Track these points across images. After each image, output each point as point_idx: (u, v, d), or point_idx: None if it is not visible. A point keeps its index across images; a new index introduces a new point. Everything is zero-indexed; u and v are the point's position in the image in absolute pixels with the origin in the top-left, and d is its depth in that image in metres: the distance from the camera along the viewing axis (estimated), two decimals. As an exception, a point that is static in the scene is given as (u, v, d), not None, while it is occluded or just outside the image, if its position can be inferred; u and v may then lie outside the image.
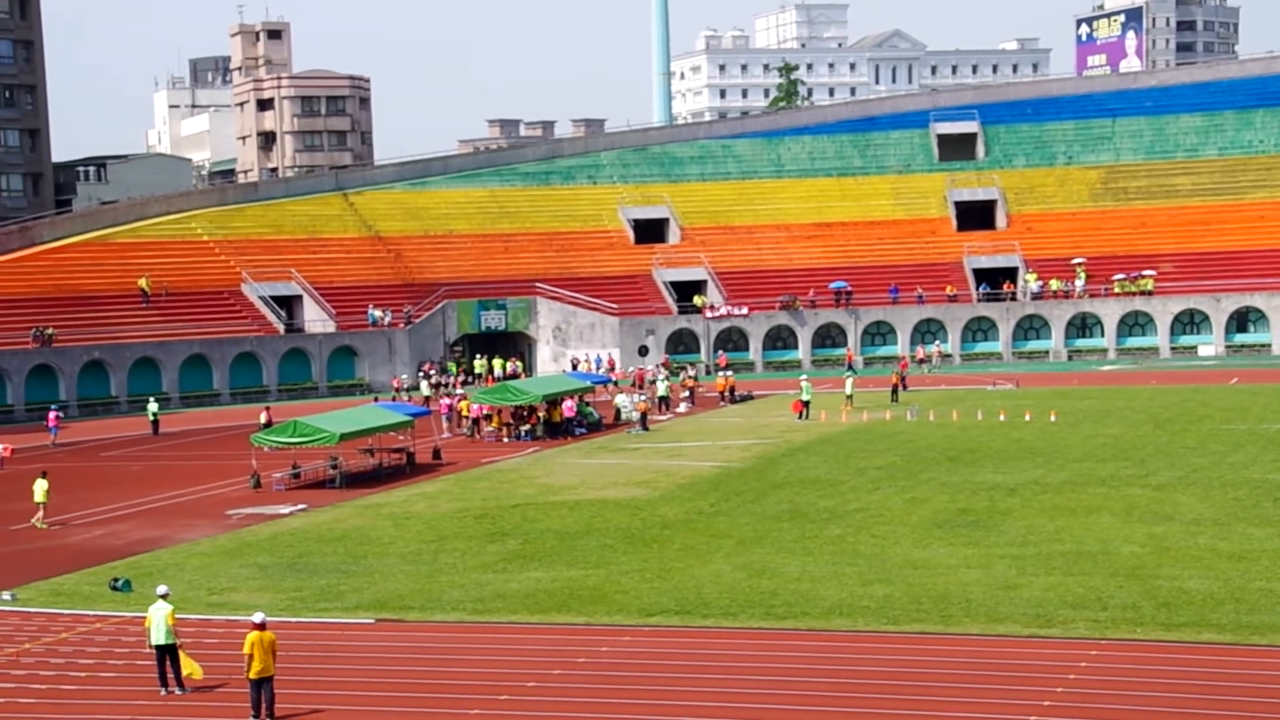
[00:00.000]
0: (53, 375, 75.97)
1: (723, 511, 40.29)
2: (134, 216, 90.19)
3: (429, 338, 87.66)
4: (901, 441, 53.66)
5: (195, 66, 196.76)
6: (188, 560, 36.22)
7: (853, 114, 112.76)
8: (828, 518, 38.63)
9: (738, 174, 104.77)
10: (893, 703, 22.84)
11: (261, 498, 46.47)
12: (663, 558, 34.19)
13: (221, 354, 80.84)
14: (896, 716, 22.31)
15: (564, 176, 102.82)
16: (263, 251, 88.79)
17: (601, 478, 47.64)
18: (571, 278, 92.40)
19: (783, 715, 22.49)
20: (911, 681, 23.86)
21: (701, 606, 29.26)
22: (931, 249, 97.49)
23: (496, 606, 30.00)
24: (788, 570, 32.23)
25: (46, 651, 27.82)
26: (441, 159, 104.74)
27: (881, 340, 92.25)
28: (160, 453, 60.46)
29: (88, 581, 34.03)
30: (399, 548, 36.82)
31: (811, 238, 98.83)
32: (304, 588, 32.35)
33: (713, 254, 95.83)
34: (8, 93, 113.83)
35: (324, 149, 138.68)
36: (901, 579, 30.89)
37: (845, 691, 23.44)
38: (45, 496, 42.87)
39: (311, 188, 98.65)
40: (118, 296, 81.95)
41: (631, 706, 23.18)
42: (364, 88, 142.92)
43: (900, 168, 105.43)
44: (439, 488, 47.18)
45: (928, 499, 40.97)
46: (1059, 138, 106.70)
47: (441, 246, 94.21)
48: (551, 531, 38.20)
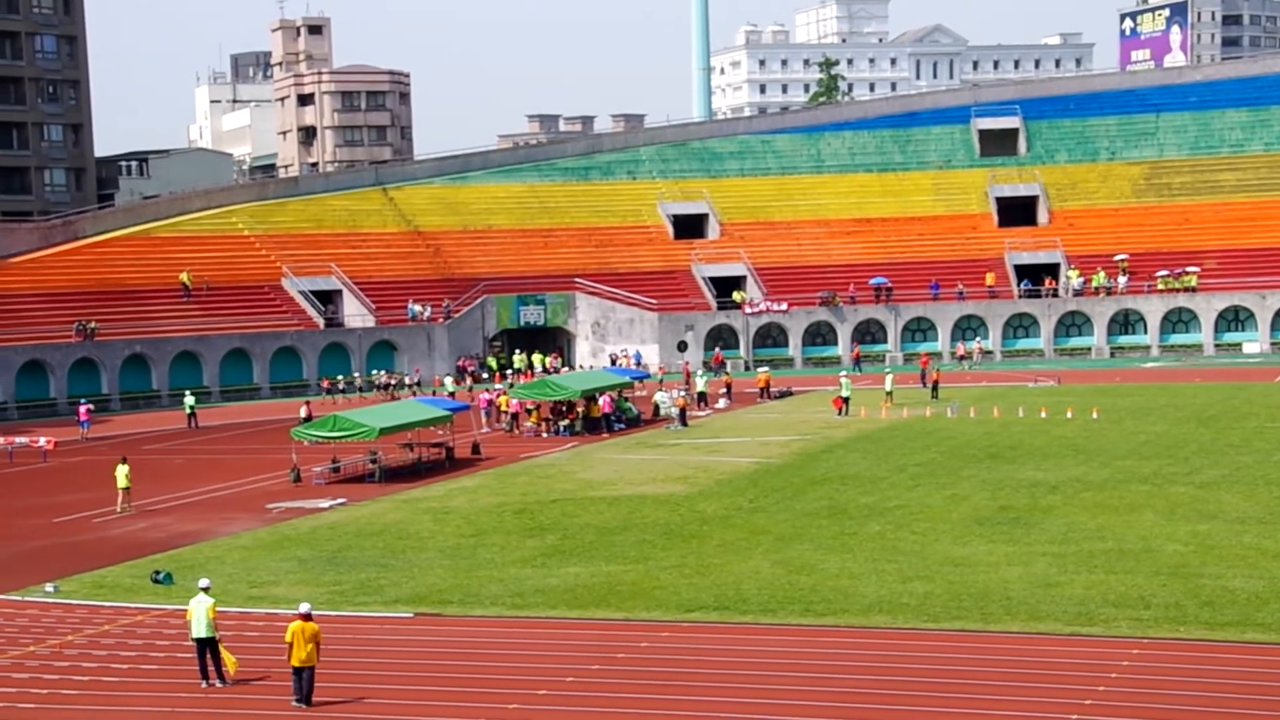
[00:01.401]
0: (95, 369, 76.51)
1: (761, 508, 40.18)
2: (175, 211, 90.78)
3: (468, 333, 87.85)
4: (942, 438, 53.39)
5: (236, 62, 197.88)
6: (228, 553, 36.39)
7: (893, 109, 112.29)
8: (867, 514, 38.47)
9: (777, 169, 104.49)
10: (933, 700, 22.69)
11: (301, 492, 46.65)
12: (701, 554, 34.12)
13: (262, 348, 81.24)
14: (937, 714, 22.16)
15: (603, 172, 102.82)
16: (303, 246, 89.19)
17: (640, 473, 47.59)
18: (610, 273, 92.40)
19: (822, 712, 22.38)
20: (952, 679, 23.71)
21: (740, 603, 29.18)
22: (972, 245, 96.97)
23: (535, 601, 29.99)
24: (827, 567, 32.10)
25: (89, 643, 27.99)
26: (481, 154, 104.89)
27: (922, 336, 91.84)
28: (201, 446, 60.79)
29: (130, 574, 34.25)
30: (438, 542, 36.88)
31: (851, 233, 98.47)
32: (343, 581, 32.44)
33: (752, 249, 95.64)
34: (51, 88, 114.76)
35: (364, 144, 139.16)
36: (941, 576, 30.71)
37: (884, 689, 23.30)
38: (127, 481, 43.82)
39: (351, 182, 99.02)
40: (159, 290, 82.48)
41: (670, 702, 23.12)
42: (404, 83, 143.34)
43: (941, 163, 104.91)
44: (478, 482, 47.24)
45: (968, 496, 40.74)
46: (1102, 133, 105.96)
47: (481, 241, 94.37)
48: (590, 527, 38.19)
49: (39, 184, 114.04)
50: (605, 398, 60.77)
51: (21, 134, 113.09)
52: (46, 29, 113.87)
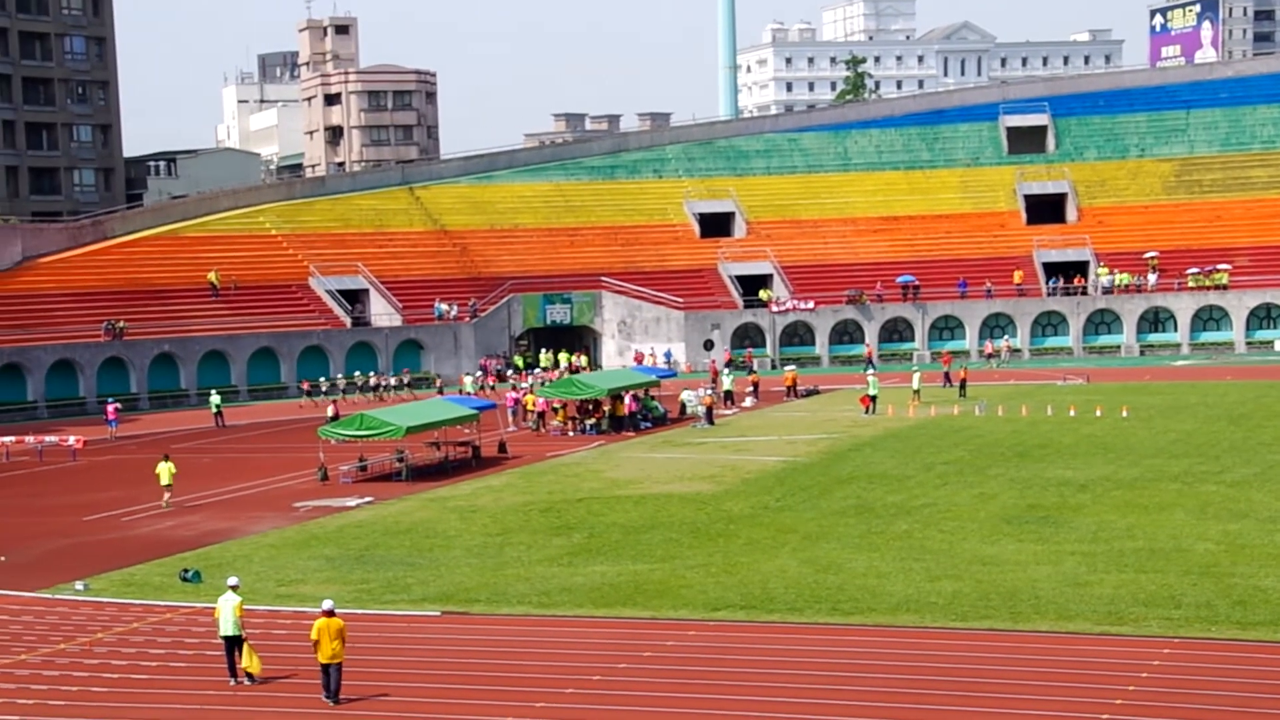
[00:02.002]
0: (124, 368, 76.81)
1: (788, 506, 40.09)
2: (203, 211, 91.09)
3: (494, 331, 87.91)
4: (969, 437, 53.19)
5: (264, 62, 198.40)
6: (256, 552, 36.48)
7: (921, 107, 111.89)
8: (895, 513, 38.35)
9: (804, 167, 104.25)
10: (961, 700, 22.59)
11: (329, 490, 46.74)
12: (728, 552, 34.06)
13: (289, 347, 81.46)
14: (965, 714, 22.05)
15: (629, 170, 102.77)
16: (330, 245, 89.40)
17: (666, 472, 47.54)
18: (637, 272, 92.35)
19: (850, 711, 22.29)
20: (980, 679, 23.60)
21: (767, 601, 29.10)
22: (1000, 243, 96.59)
23: (562, 600, 29.97)
24: (854, 565, 32.00)
25: (118, 641, 28.09)
26: (507, 153, 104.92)
27: (949, 335, 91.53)
28: (228, 445, 60.97)
29: (158, 572, 34.37)
30: (465, 541, 36.89)
31: (878, 231, 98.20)
32: (371, 580, 32.48)
33: (778, 248, 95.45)
34: (81, 89, 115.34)
35: (390, 143, 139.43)
36: (970, 575, 30.58)
37: (912, 688, 23.19)
38: (170, 478, 44.24)
39: (378, 182, 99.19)
40: (187, 290, 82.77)
41: (697, 701, 23.07)
42: (430, 82, 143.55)
43: (969, 161, 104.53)
44: (504, 481, 47.26)
45: (996, 494, 40.57)
46: (1131, 130, 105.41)
47: (507, 240, 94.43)
48: (617, 525, 38.16)
49: (68, 184, 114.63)
50: (629, 396, 60.70)
51: (51, 135, 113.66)
52: (76, 30, 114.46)
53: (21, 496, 48.73)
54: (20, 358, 73.93)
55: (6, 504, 47.02)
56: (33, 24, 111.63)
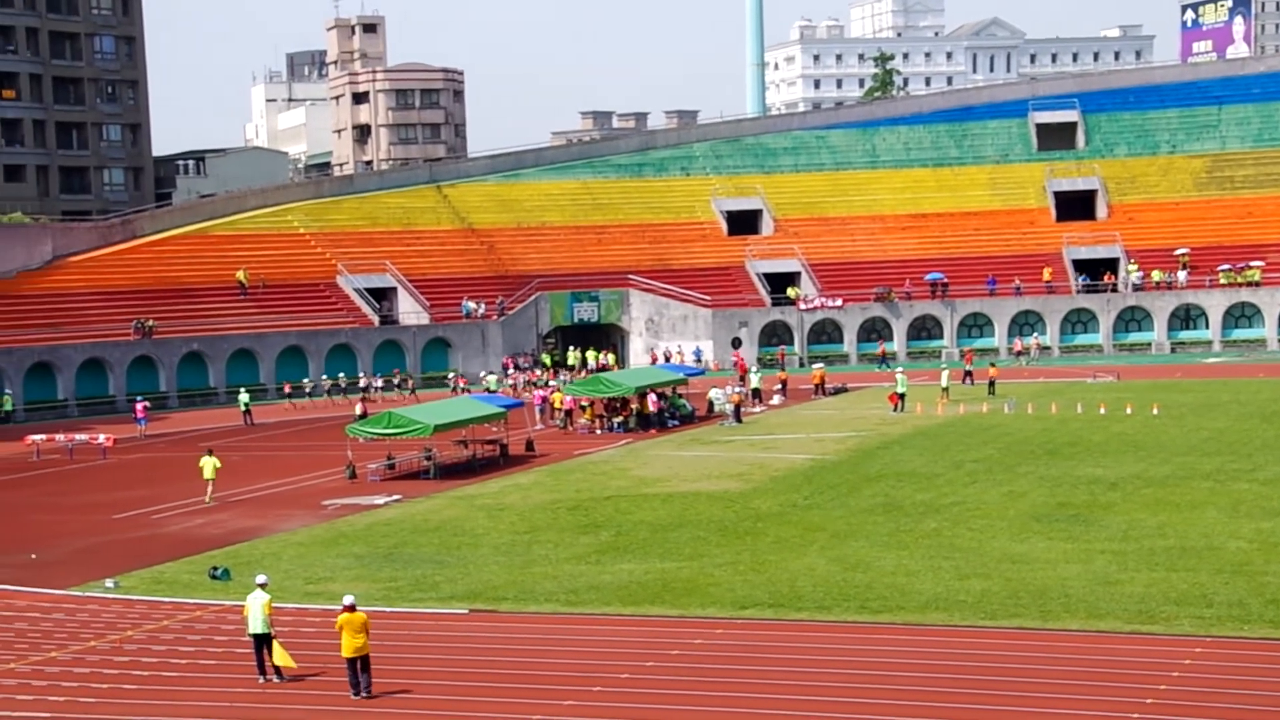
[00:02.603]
0: (153, 366, 77.13)
1: (817, 504, 39.97)
2: (232, 209, 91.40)
3: (522, 330, 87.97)
4: (999, 434, 52.97)
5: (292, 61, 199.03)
6: (285, 550, 36.55)
7: (949, 103, 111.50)
8: (923, 511, 38.19)
9: (832, 165, 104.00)
10: (990, 699, 22.46)
11: (357, 488, 46.83)
12: (756, 550, 33.97)
13: (317, 345, 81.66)
14: (994, 713, 21.92)
15: (657, 168, 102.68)
16: (358, 244, 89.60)
17: (694, 470, 47.47)
18: (664, 269, 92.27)
19: (879, 710, 22.18)
20: (1009, 677, 23.47)
21: (795, 599, 29.01)
22: (1030, 240, 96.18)
23: (589, 598, 29.94)
24: (883, 564, 31.88)
25: (148, 639, 28.17)
26: (534, 151, 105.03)
27: (979, 332, 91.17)
28: (257, 443, 61.12)
29: (187, 570, 34.46)
30: (492, 539, 36.89)
31: (907, 229, 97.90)
32: (399, 578, 32.50)
33: (806, 245, 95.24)
34: (110, 88, 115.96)
35: (418, 142, 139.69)
36: (999, 573, 30.42)
37: (941, 687, 23.07)
38: (214, 473, 44.70)
39: (405, 180, 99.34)
40: (216, 288, 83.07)
41: (724, 699, 22.99)
42: (457, 80, 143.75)
43: (998, 158, 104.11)
44: (532, 479, 47.26)
45: (1026, 492, 40.37)
46: (1162, 126, 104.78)
47: (534, 238, 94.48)
48: (644, 523, 38.10)
49: (98, 183, 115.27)
50: (652, 396, 60.46)
51: (81, 134, 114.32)
52: (105, 30, 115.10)
53: (52, 494, 48.97)
54: (51, 356, 74.32)
55: (37, 502, 47.27)
56: (63, 24, 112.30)
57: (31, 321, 75.88)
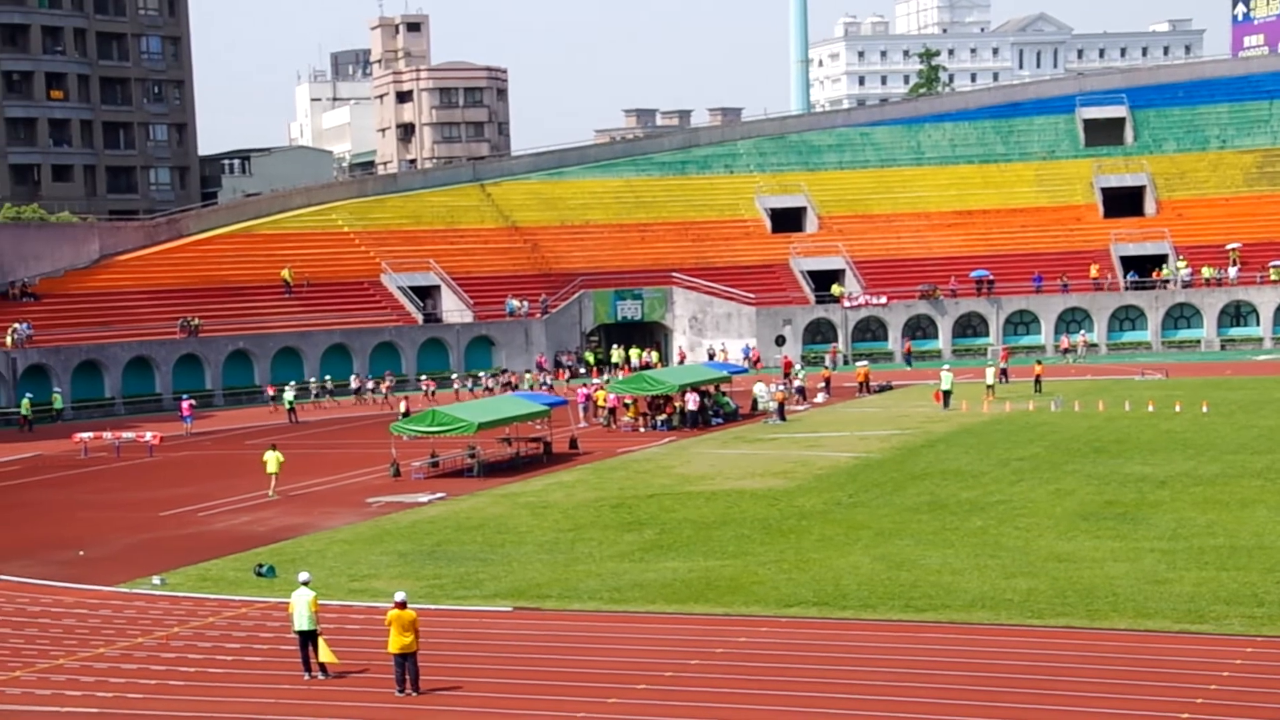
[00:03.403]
0: (199, 364, 77.58)
1: (861, 502, 39.79)
2: (277, 208, 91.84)
3: (565, 327, 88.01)
4: (1045, 432, 52.59)
5: (336, 60, 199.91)
6: (329, 547, 36.66)
7: (995, 100, 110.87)
8: (969, 509, 37.95)
9: (876, 162, 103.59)
10: (1037, 698, 22.25)
11: (401, 486, 46.94)
12: (800, 548, 33.83)
13: (361, 343, 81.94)
14: (1041, 713, 21.71)
15: (700, 166, 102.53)
16: (402, 242, 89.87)
17: (738, 468, 47.35)
18: (708, 267, 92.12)
19: (923, 709, 22.03)
20: (1056, 677, 23.25)
21: (840, 598, 28.87)
22: (1077, 236, 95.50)
23: (633, 596, 29.88)
24: (928, 562, 31.69)
25: (194, 635, 28.30)
26: (578, 149, 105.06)
27: (1025, 330, 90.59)
28: (301, 441, 61.34)
29: (233, 567, 34.63)
30: (536, 536, 36.90)
31: (952, 226, 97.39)
32: (443, 575, 32.54)
33: (851, 243, 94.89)
34: (157, 88, 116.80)
35: (462, 140, 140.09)
36: (1046, 572, 30.17)
37: (987, 686, 22.89)
38: (278, 467, 45.27)
39: (449, 179, 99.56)
40: (261, 287, 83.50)
41: (769, 697, 22.88)
42: (501, 79, 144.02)
43: (1044, 154, 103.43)
44: (576, 477, 47.25)
45: (1073, 491, 40.05)
46: (1212, 121, 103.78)
47: (578, 236, 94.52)
48: (688, 521, 38.02)
49: (144, 183, 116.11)
50: (691, 394, 60.10)
51: (128, 134, 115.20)
52: (152, 30, 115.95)
53: (99, 492, 49.33)
54: (98, 355, 74.88)
55: (85, 499, 47.62)
56: (110, 24, 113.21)
57: (79, 320, 76.47)
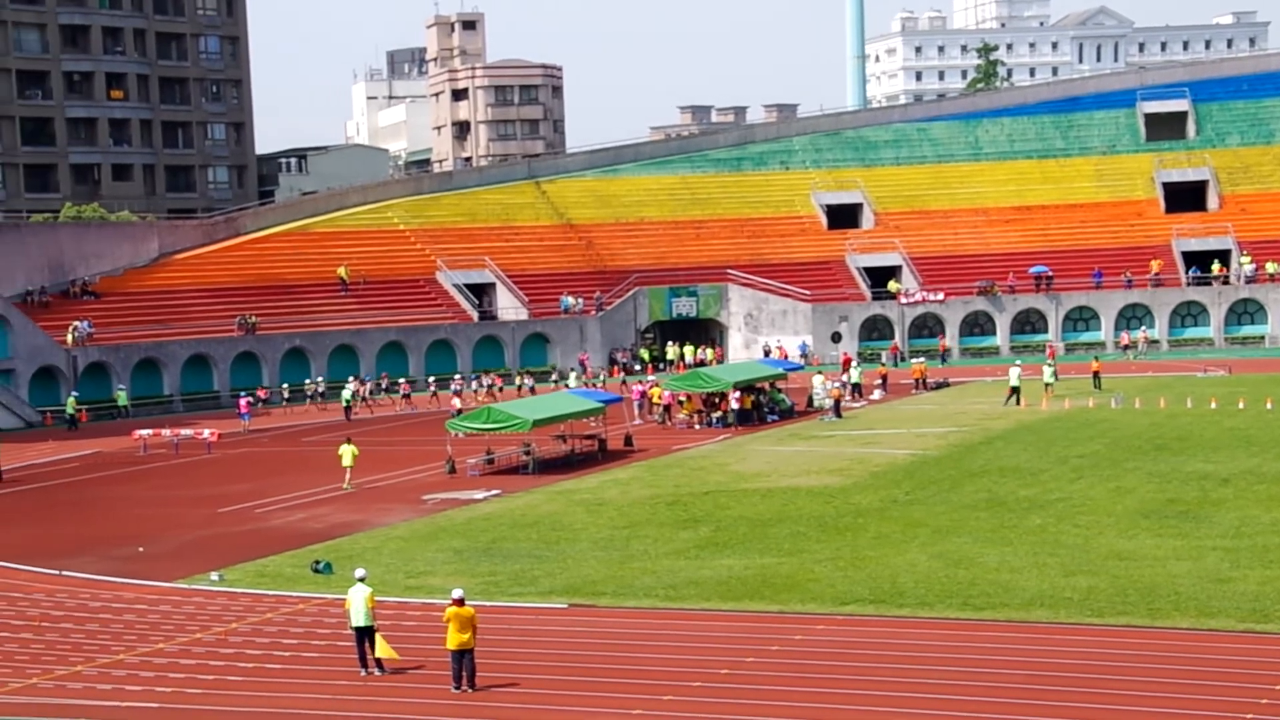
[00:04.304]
0: (256, 362, 78.07)
1: (918, 500, 39.51)
2: (333, 206, 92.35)
3: (620, 325, 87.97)
4: (1105, 429, 52.05)
5: (392, 58, 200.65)
6: (385, 544, 36.77)
7: (1054, 94, 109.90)
8: (1028, 507, 37.60)
9: (934, 157, 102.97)
10: (1097, 698, 21.98)
11: (456, 483, 47.03)
12: (856, 546, 33.62)
13: (417, 341, 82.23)
14: (1102, 712, 21.45)
15: (756, 162, 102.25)
16: (457, 240, 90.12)
17: (794, 465, 47.14)
18: (763, 264, 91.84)
19: (981, 708, 21.82)
20: (1117, 676, 22.96)
21: (897, 596, 28.66)
22: (1137, 232, 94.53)
23: (689, 593, 29.78)
24: (986, 560, 31.40)
25: (252, 631, 28.44)
26: (633, 146, 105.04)
27: (1084, 326, 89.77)
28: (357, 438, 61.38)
29: (290, 563, 34.79)
30: (591, 533, 36.86)
31: (1010, 221, 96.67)
32: (498, 572, 32.55)
33: (907, 239, 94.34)
34: (215, 88, 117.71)
35: (517, 138, 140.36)
36: (1106, 570, 29.84)
37: (1046, 685, 22.63)
38: (353, 460, 46.22)
39: (504, 176, 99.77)
40: (318, 285, 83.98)
41: (826, 695, 22.73)
42: (556, 76, 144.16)
43: (1105, 149, 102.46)
44: (631, 474, 47.18)
45: (1134, 488, 39.59)
46: (1277, 114, 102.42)
47: (633, 234, 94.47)
48: (744, 519, 37.88)
49: (203, 182, 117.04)
50: (735, 394, 59.70)
51: (186, 133, 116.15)
52: (210, 30, 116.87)
53: (159, 488, 49.73)
54: (157, 352, 75.52)
55: (144, 496, 48.01)
56: (169, 25, 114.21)
57: (138, 318, 77.16)
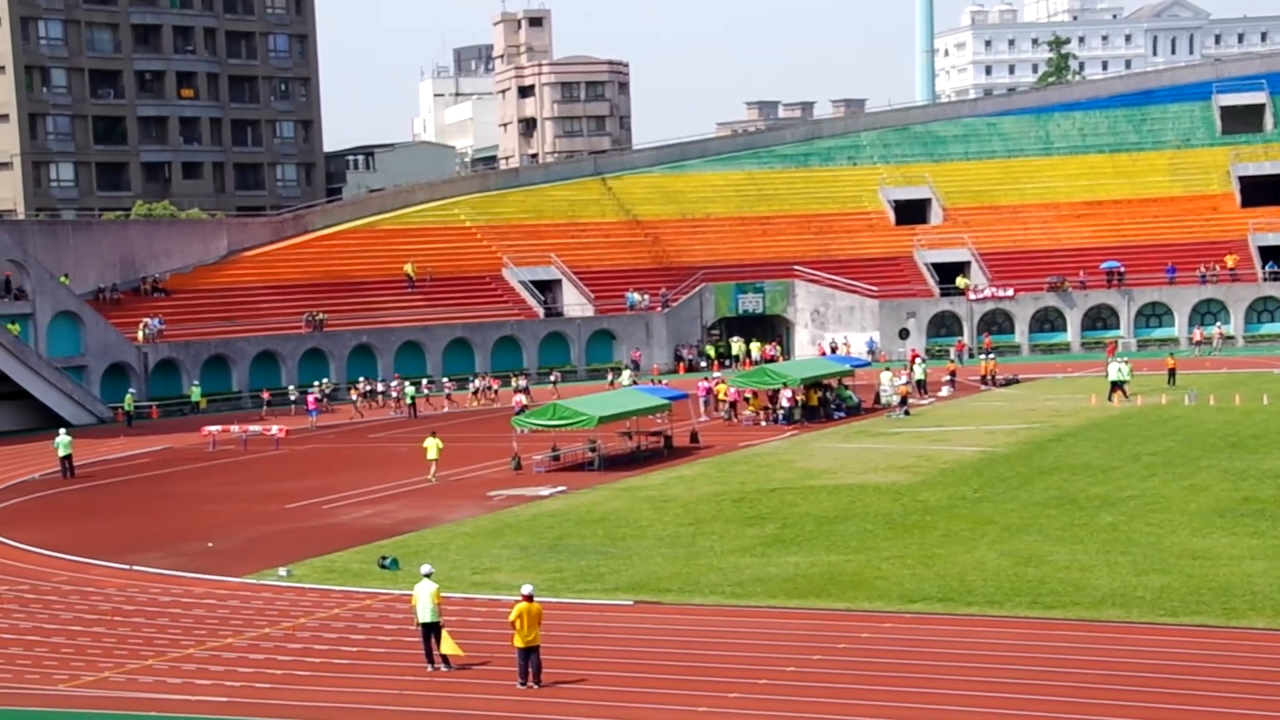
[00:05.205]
0: (323, 358, 78.56)
1: (987, 497, 39.12)
2: (400, 204, 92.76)
3: (686, 321, 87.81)
4: (1179, 427, 51.34)
5: (459, 55, 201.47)
6: (452, 540, 36.84)
7: (1128, 87, 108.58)
8: (1099, 504, 37.12)
9: (1003, 152, 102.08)
10: (1170, 698, 21.64)
11: (522, 479, 47.07)
12: (924, 544, 33.33)
13: (483, 337, 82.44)
14: (1175, 713, 21.11)
15: (823, 158, 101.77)
16: (523, 236, 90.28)
17: (861, 462, 46.82)
18: (830, 260, 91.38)
19: (1051, 707, 21.54)
20: (1191, 676, 22.62)
21: (965, 594, 28.36)
22: (1212, 226, 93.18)
23: (755, 590, 29.63)
24: (1056, 558, 31.03)
25: (320, 626, 28.56)
26: (699, 142, 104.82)
27: (1157, 322, 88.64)
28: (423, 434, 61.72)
29: (357, 559, 34.92)
30: (657, 530, 36.76)
31: (1081, 216, 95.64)
32: (564, 569, 32.53)
33: (976, 234, 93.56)
34: (283, 86, 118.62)
35: (583, 134, 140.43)
36: (1179, 569, 29.39)
37: (1118, 685, 22.31)
38: (438, 453, 46.93)
39: (570, 173, 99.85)
40: (384, 282, 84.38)
41: (893, 694, 22.51)
42: (623, 73, 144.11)
43: (1179, 142, 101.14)
44: (696, 471, 47.04)
45: (1208, 486, 39.00)
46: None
47: (699, 230, 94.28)
48: (810, 516, 37.65)
49: (271, 179, 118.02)
50: (785, 391, 59.30)
51: (255, 131, 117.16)
52: (279, 29, 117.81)
53: (227, 484, 50.12)
54: (226, 349, 76.16)
55: (214, 492, 48.40)
56: (239, 23, 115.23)
57: (208, 315, 77.87)
